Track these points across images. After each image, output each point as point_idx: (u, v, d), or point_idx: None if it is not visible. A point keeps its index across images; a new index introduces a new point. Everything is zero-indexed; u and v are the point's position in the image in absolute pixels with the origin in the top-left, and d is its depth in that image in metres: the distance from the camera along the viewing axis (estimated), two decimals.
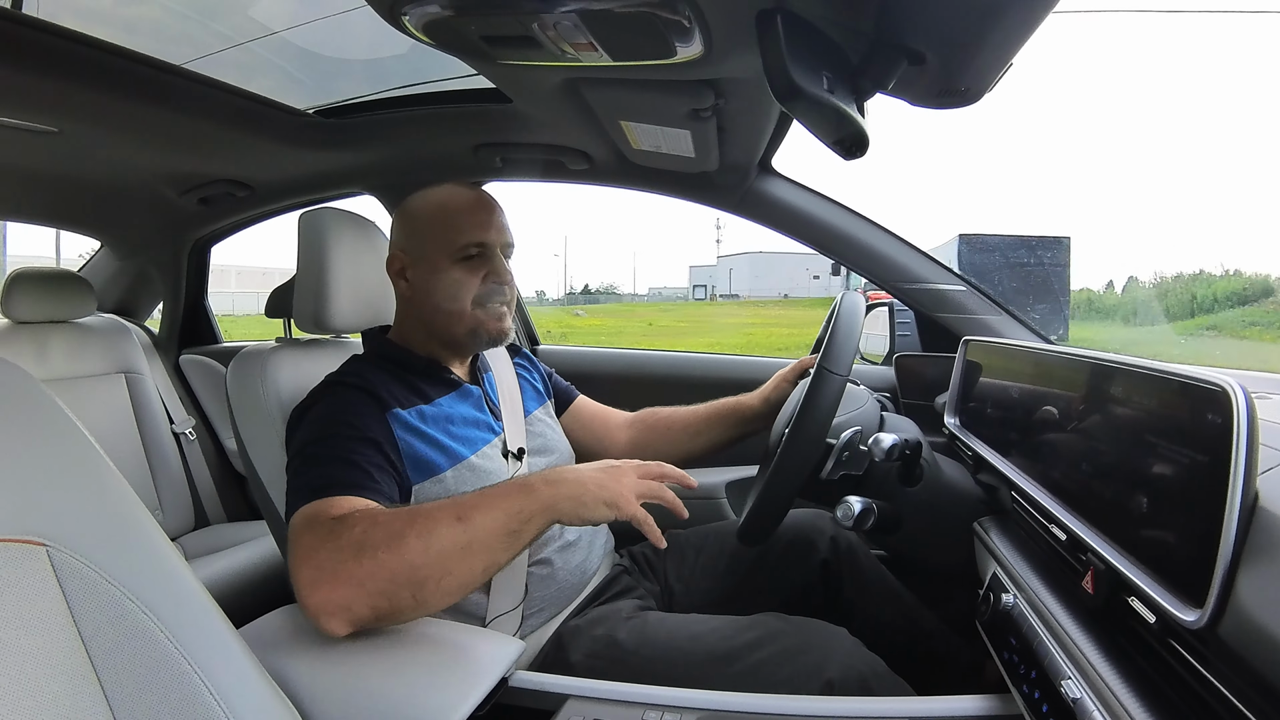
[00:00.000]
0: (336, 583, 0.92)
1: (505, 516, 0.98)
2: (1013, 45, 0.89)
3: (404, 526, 0.95)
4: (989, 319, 1.78)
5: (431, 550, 0.94)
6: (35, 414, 0.68)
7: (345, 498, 1.04)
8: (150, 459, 2.44)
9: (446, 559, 0.94)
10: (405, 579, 0.93)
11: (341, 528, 0.96)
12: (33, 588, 0.60)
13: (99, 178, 2.19)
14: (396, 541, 0.93)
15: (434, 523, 0.95)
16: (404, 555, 0.93)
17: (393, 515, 0.98)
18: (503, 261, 1.34)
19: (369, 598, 0.93)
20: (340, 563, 0.93)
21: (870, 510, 1.18)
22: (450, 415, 1.29)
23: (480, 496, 1.00)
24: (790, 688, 1.03)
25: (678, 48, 1.06)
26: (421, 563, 0.93)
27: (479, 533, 0.96)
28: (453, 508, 0.98)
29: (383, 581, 0.92)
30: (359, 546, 0.93)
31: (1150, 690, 0.66)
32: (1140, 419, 0.76)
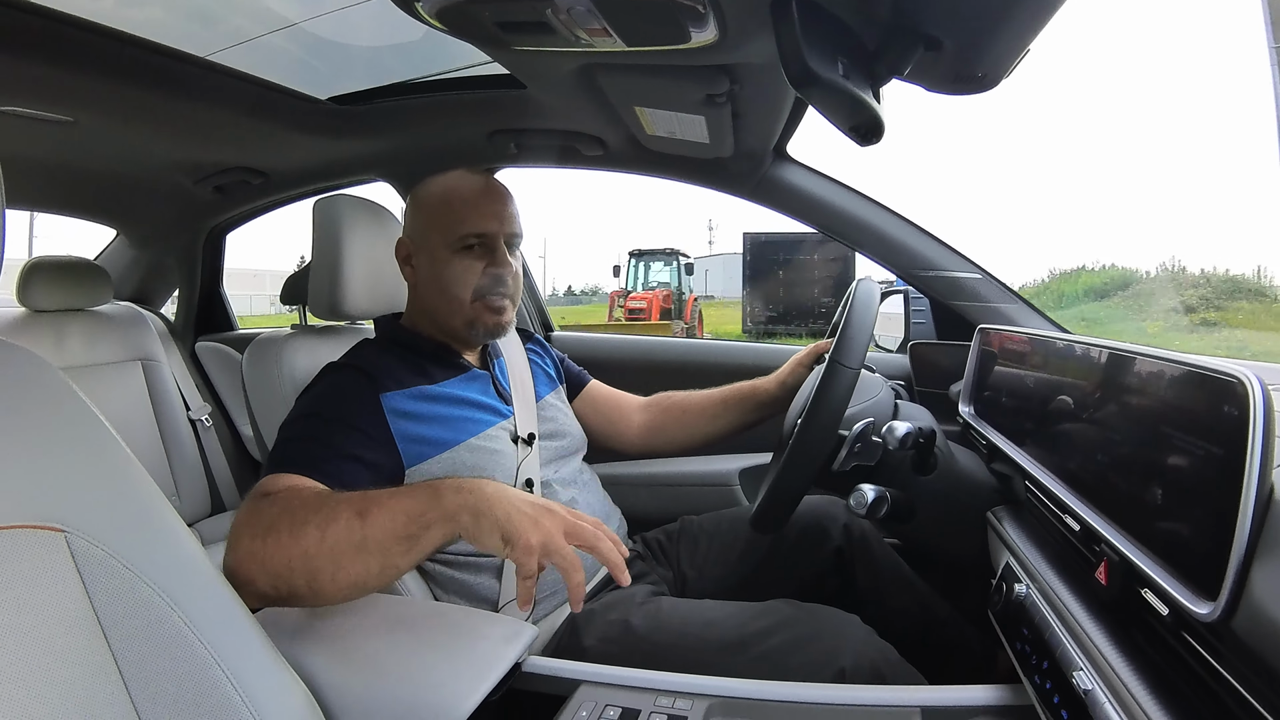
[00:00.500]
0: (244, 557, 0.92)
1: (405, 519, 0.93)
2: (1030, 30, 0.88)
3: (310, 514, 0.93)
4: (1005, 307, 1.76)
5: (326, 543, 0.92)
6: (53, 401, 0.69)
7: (293, 476, 1.05)
8: (167, 445, 2.47)
9: (339, 554, 0.92)
10: (300, 567, 0.91)
11: (264, 504, 0.97)
12: (51, 573, 0.61)
13: (115, 167, 2.21)
14: (299, 528, 0.92)
15: (334, 516, 0.93)
16: (301, 543, 0.91)
17: (307, 501, 0.97)
18: (505, 253, 1.33)
19: (268, 577, 0.92)
20: (250, 538, 0.93)
21: (884, 498, 1.18)
22: (454, 397, 1.29)
23: (390, 495, 0.96)
24: (803, 675, 1.03)
25: (692, 33, 1.05)
26: (315, 553, 0.91)
27: (375, 532, 0.93)
28: (358, 502, 0.95)
29: (279, 564, 0.91)
30: (269, 528, 0.93)
31: (1162, 682, 0.66)
32: (1155, 409, 0.76)
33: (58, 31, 1.29)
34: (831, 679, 1.02)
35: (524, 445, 1.34)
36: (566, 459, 1.46)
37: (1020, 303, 1.77)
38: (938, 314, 1.94)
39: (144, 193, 2.49)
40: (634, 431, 1.70)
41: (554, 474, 1.39)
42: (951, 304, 1.82)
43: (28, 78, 1.42)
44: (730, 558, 1.51)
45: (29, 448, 0.64)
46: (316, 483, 1.05)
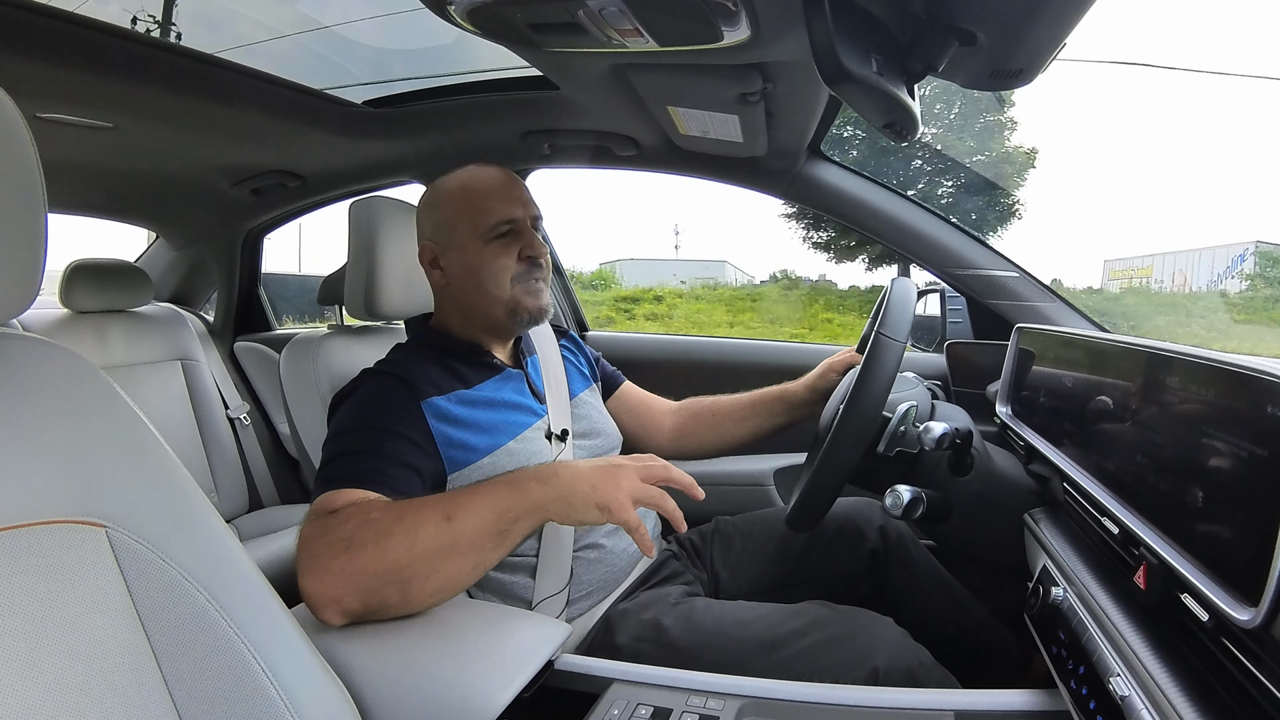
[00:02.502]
0: (327, 575, 0.92)
1: (493, 516, 0.96)
2: (1067, 24, 0.87)
3: (392, 524, 0.94)
4: (1043, 306, 1.74)
5: (416, 550, 0.93)
6: (95, 400, 0.71)
7: (351, 489, 1.05)
8: (206, 443, 2.51)
9: (431, 559, 0.94)
10: (391, 577, 0.93)
11: (335, 521, 0.97)
12: (92, 568, 0.63)
13: (154, 171, 2.25)
14: (383, 539, 0.93)
15: (420, 521, 0.94)
16: (389, 554, 0.92)
17: (384, 511, 0.97)
18: (534, 235, 1.33)
19: (357, 593, 0.93)
20: (331, 557, 0.93)
21: (920, 499, 1.16)
22: (490, 400, 1.29)
23: (470, 494, 0.98)
24: (835, 676, 1.02)
25: (724, 32, 1.05)
26: (407, 562, 0.93)
27: (465, 532, 0.95)
28: (442, 505, 0.96)
29: (370, 578, 0.92)
30: (348, 542, 0.93)
31: (1201, 689, 0.65)
32: (1197, 411, 0.74)
33: (97, 40, 1.32)
34: (864, 679, 1.02)
35: (558, 442, 1.35)
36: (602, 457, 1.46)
37: (1059, 301, 1.75)
38: (974, 313, 1.92)
39: (183, 196, 2.54)
40: (664, 435, 1.69)
41: None
42: (988, 303, 1.80)
43: (69, 86, 1.46)
44: (764, 559, 1.50)
45: (71, 445, 0.66)
46: (375, 494, 1.05)
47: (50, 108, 1.56)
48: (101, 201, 2.61)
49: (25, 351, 0.68)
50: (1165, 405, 0.82)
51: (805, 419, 1.62)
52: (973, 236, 1.82)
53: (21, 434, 0.63)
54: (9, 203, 0.61)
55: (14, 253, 0.62)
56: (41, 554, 0.60)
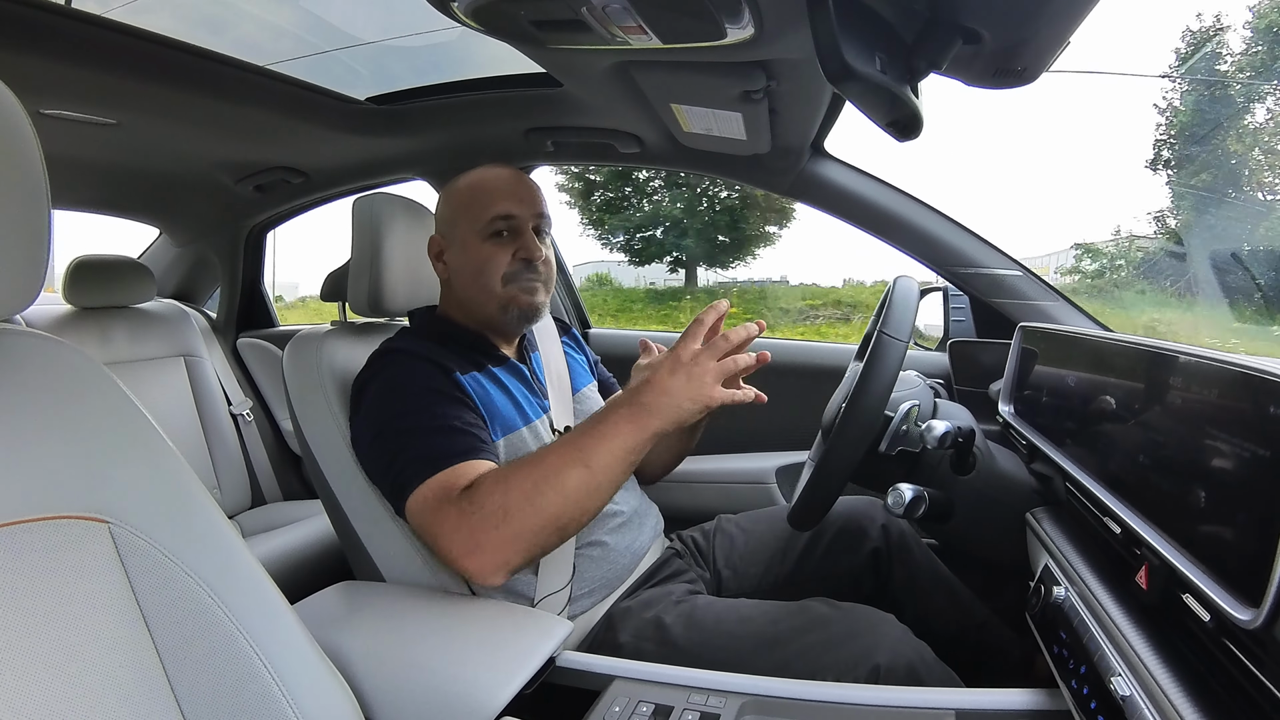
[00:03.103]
0: (490, 548, 1.01)
1: (624, 453, 1.04)
2: (1072, 22, 0.86)
3: (539, 483, 1.02)
4: (1046, 305, 1.74)
5: (569, 499, 1.02)
6: (98, 396, 0.71)
7: (464, 464, 1.10)
8: (209, 439, 2.51)
9: (582, 500, 1.04)
10: (552, 528, 1.03)
11: (479, 496, 1.04)
12: (95, 564, 0.63)
13: (157, 168, 2.26)
14: (535, 498, 1.02)
15: (564, 473, 1.03)
16: (547, 509, 1.02)
17: (524, 474, 1.04)
18: (533, 237, 1.32)
19: (523, 551, 1.03)
20: (489, 529, 1.01)
21: (921, 498, 1.16)
22: (504, 383, 1.31)
23: (597, 437, 1.05)
24: (837, 673, 1.02)
25: (728, 29, 1.05)
26: (560, 511, 1.02)
27: (603, 471, 1.04)
28: (573, 453, 1.04)
29: (531, 535, 1.02)
30: (505, 511, 1.01)
31: (1202, 690, 0.65)
32: (1200, 411, 0.74)
33: (101, 37, 1.32)
34: (866, 677, 1.02)
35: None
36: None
37: (1062, 300, 1.74)
38: (977, 312, 1.92)
39: (186, 193, 2.55)
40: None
41: None
42: (991, 301, 1.80)
43: (73, 82, 1.46)
44: (767, 557, 1.50)
45: (74, 441, 0.66)
46: (485, 462, 1.13)
47: (54, 104, 1.56)
48: (105, 198, 2.61)
49: (28, 347, 0.69)
50: (1168, 405, 0.82)
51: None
52: (976, 235, 1.82)
53: (24, 430, 0.63)
54: (12, 199, 0.61)
55: (17, 249, 0.62)
56: (44, 550, 0.60)
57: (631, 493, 1.47)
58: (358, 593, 1.17)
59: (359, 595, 1.16)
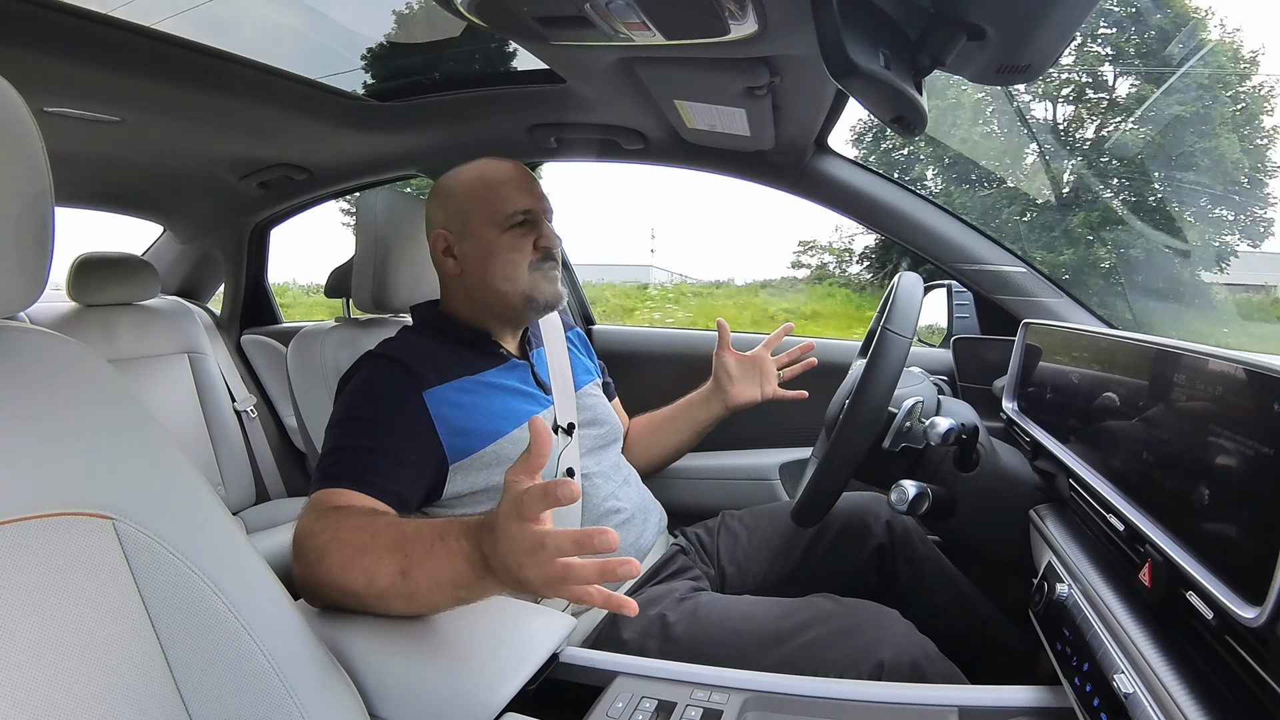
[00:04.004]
0: (305, 577, 0.98)
1: (449, 585, 0.90)
2: (1077, 18, 0.86)
3: (355, 556, 0.94)
4: (1049, 302, 1.73)
5: (373, 590, 0.93)
6: (102, 392, 0.71)
7: (344, 491, 1.07)
8: (213, 436, 2.52)
9: (387, 598, 0.93)
10: (353, 597, 0.95)
11: (319, 527, 0.99)
12: (100, 560, 0.63)
13: (161, 165, 2.27)
14: (345, 568, 0.94)
15: (378, 566, 0.92)
16: (349, 583, 0.94)
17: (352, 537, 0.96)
18: (549, 227, 1.35)
19: (328, 595, 0.97)
20: (308, 562, 0.97)
21: (925, 495, 1.16)
22: (494, 386, 1.30)
23: (427, 554, 0.91)
24: (841, 668, 1.03)
25: (732, 25, 1.05)
26: (364, 592, 0.93)
27: (419, 590, 0.92)
28: (400, 557, 0.92)
29: (334, 593, 0.96)
30: (320, 554, 0.96)
31: (1205, 687, 0.65)
32: (1204, 408, 0.74)
33: (105, 34, 1.32)
34: (870, 672, 1.02)
35: (564, 435, 1.35)
36: (606, 448, 1.47)
37: (1066, 297, 1.74)
38: (981, 308, 1.91)
39: (190, 190, 2.55)
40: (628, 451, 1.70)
41: (595, 466, 1.39)
42: (995, 298, 1.79)
43: (76, 79, 1.46)
44: (770, 553, 1.50)
45: (78, 437, 0.66)
46: (368, 498, 1.07)
47: (57, 101, 1.56)
48: (109, 195, 2.62)
49: (33, 344, 0.69)
50: (1172, 402, 0.82)
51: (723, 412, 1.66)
52: (980, 231, 1.82)
53: (28, 426, 0.63)
54: (16, 196, 0.61)
55: (21, 246, 0.62)
56: (48, 546, 0.60)
57: (635, 490, 1.47)
58: None
59: None
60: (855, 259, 15.45)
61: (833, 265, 15.50)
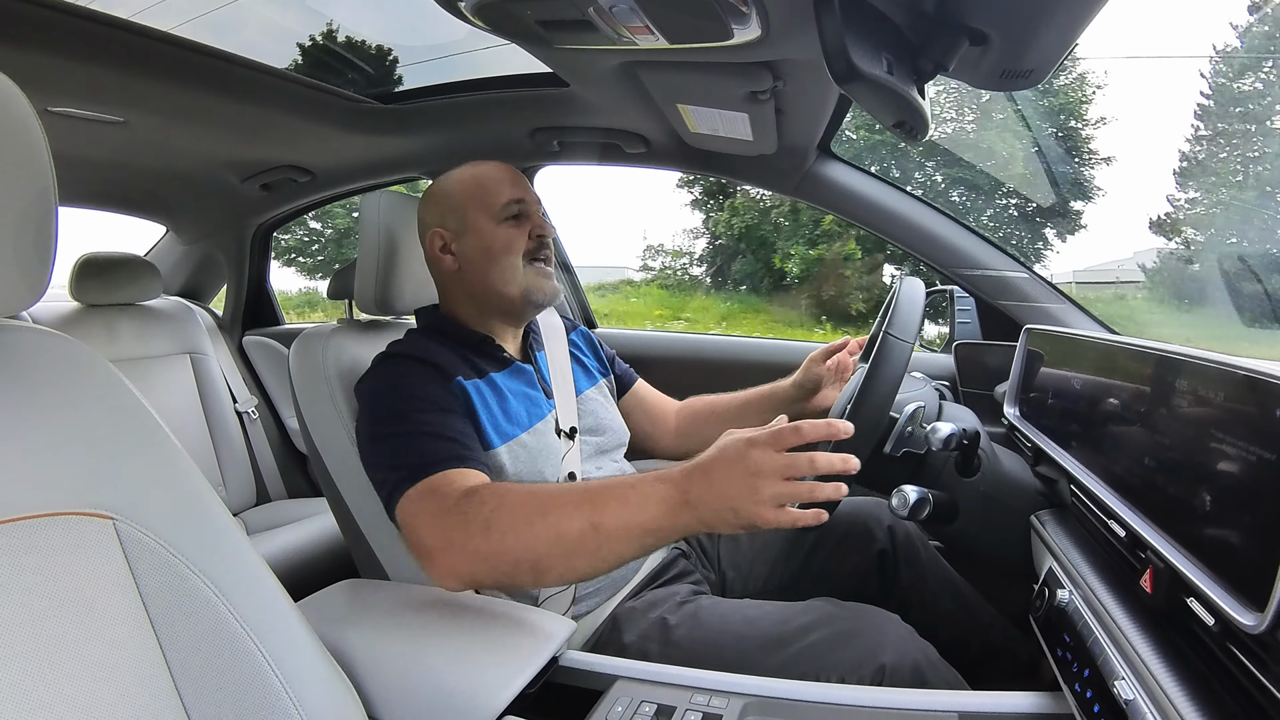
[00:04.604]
0: (463, 554, 0.99)
1: (641, 531, 0.96)
2: (1079, 23, 0.86)
3: (534, 515, 0.98)
4: (1052, 307, 1.73)
5: (560, 545, 0.96)
6: (104, 393, 0.71)
7: (453, 471, 1.09)
8: (214, 437, 2.52)
9: (573, 555, 0.97)
10: (529, 563, 0.97)
11: (469, 504, 1.01)
12: (100, 560, 0.63)
13: (165, 166, 2.27)
14: (524, 528, 0.97)
15: (567, 520, 0.96)
16: (531, 544, 0.97)
17: (523, 498, 1.01)
18: (541, 216, 1.37)
19: (491, 571, 1.00)
20: (468, 536, 0.98)
21: (926, 500, 1.16)
22: (503, 391, 1.30)
23: (617, 499, 0.97)
24: (842, 671, 1.02)
25: (735, 30, 1.05)
26: (547, 553, 0.97)
27: (610, 539, 0.96)
28: (590, 509, 0.97)
29: (507, 561, 0.98)
30: (486, 524, 0.98)
31: (1206, 694, 0.65)
32: (1206, 414, 0.74)
33: (109, 35, 1.33)
34: (871, 676, 1.01)
35: (566, 439, 1.35)
36: (608, 454, 1.46)
37: (1068, 303, 1.74)
38: (983, 314, 1.91)
39: (193, 191, 2.56)
40: (670, 436, 1.70)
41: (596, 470, 1.39)
42: (997, 303, 1.79)
43: (81, 80, 1.47)
44: (772, 558, 1.50)
45: (80, 437, 0.66)
46: (475, 471, 1.10)
47: (62, 102, 1.57)
48: (112, 195, 2.62)
49: (35, 344, 0.69)
50: (1173, 408, 0.82)
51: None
52: (982, 237, 1.82)
53: (30, 426, 0.63)
54: (19, 196, 0.61)
55: (24, 246, 0.62)
56: (49, 546, 0.60)
57: None
58: (362, 591, 1.17)
59: (363, 593, 1.16)
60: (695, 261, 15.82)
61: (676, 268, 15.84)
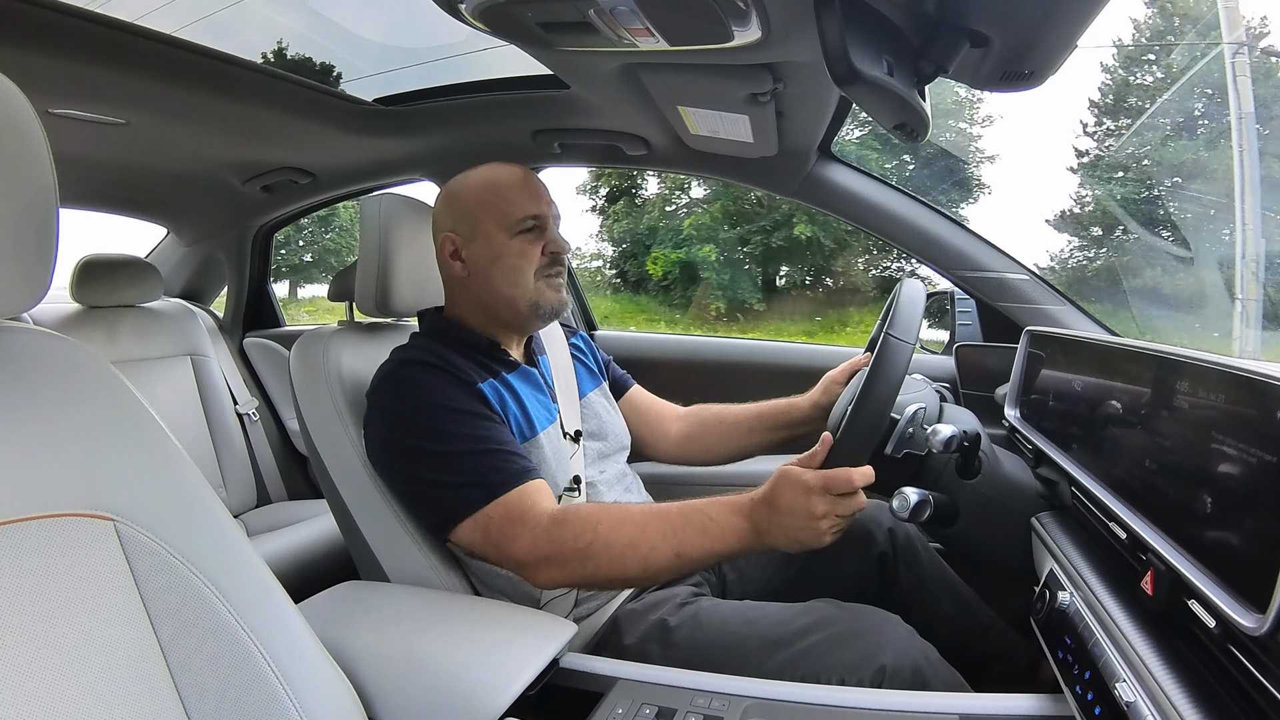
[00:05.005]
0: (563, 573, 1.11)
1: (716, 557, 1.12)
2: (1079, 25, 0.86)
3: (625, 548, 1.08)
4: (1052, 309, 1.73)
5: (648, 573, 1.10)
6: (105, 394, 0.71)
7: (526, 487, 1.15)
8: (215, 438, 2.52)
9: (657, 576, 1.12)
10: (616, 583, 1.16)
11: (562, 534, 1.10)
12: (101, 562, 0.63)
13: (166, 167, 2.28)
14: (618, 560, 1.08)
15: (655, 550, 1.08)
16: (623, 572, 1.09)
17: (617, 529, 1.10)
18: (558, 232, 1.34)
19: (580, 584, 1.18)
20: (566, 560, 1.09)
21: (926, 502, 1.16)
22: (517, 392, 1.30)
23: (700, 532, 1.10)
24: (842, 672, 1.02)
25: (735, 32, 1.05)
26: (634, 577, 1.12)
27: (690, 565, 1.11)
28: (674, 539, 1.09)
29: (595, 580, 1.13)
30: (583, 555, 1.08)
31: (1207, 696, 0.64)
32: (1207, 416, 0.74)
33: (110, 37, 1.33)
34: (872, 677, 1.01)
35: (571, 442, 1.35)
36: (610, 458, 1.46)
37: (1069, 305, 1.74)
38: (984, 315, 1.91)
39: (194, 193, 2.56)
40: (670, 441, 1.69)
41: (599, 474, 1.39)
42: (998, 305, 1.79)
43: (82, 82, 1.47)
44: (772, 560, 1.49)
45: (80, 438, 0.66)
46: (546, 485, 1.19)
47: (63, 103, 1.57)
48: (113, 197, 2.62)
49: (36, 345, 0.69)
50: (1174, 410, 0.82)
51: (808, 435, 1.61)
52: (982, 239, 1.82)
53: (30, 427, 0.63)
54: (20, 197, 0.61)
55: (24, 247, 0.62)
56: (49, 547, 0.60)
57: (637, 496, 1.47)
58: (362, 593, 1.17)
59: (363, 595, 1.16)
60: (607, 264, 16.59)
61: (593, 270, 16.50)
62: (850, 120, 2.59)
